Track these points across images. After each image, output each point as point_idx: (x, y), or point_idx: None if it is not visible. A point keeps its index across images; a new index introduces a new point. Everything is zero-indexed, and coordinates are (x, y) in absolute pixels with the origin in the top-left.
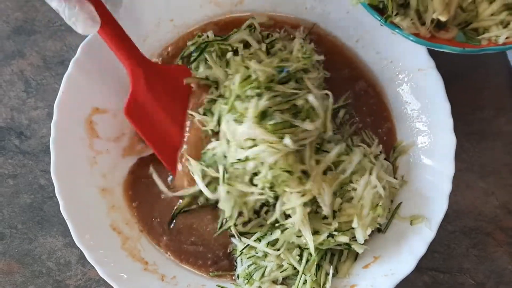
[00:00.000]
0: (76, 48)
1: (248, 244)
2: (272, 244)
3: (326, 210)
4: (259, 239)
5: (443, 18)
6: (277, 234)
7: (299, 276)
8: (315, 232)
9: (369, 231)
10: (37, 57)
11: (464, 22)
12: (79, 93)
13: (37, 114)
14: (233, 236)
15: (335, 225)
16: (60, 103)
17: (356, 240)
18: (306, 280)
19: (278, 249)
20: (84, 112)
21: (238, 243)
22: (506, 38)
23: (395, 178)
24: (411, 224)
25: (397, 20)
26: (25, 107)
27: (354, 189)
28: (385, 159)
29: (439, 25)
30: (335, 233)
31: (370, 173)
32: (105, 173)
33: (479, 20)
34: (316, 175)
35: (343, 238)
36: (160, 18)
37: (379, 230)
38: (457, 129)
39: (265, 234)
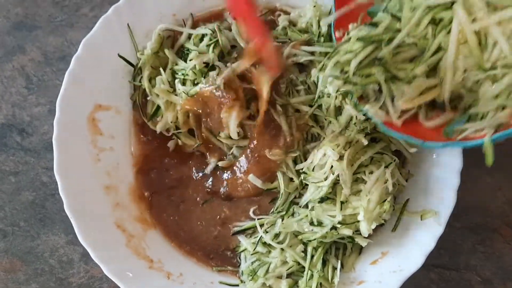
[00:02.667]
0: (77, 43)
1: (257, 242)
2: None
3: (346, 190)
4: (266, 231)
5: (404, 106)
6: (278, 225)
7: (305, 272)
8: (319, 224)
9: (373, 226)
10: (38, 53)
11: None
12: (81, 90)
13: (38, 110)
14: (237, 233)
15: (339, 217)
16: (62, 100)
17: (359, 234)
18: (313, 275)
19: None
20: (86, 109)
21: (245, 241)
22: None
23: (400, 173)
24: (421, 219)
25: (366, 107)
26: (26, 104)
27: (364, 182)
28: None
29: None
30: (339, 225)
31: (387, 167)
32: (109, 170)
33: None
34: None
35: (347, 231)
36: (162, 13)
37: (381, 225)
38: None
39: (272, 225)
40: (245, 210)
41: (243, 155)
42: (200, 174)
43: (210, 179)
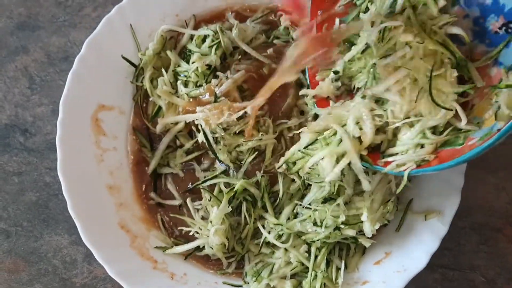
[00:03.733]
0: (80, 43)
1: (261, 244)
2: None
3: (349, 190)
4: (268, 232)
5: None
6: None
7: (309, 273)
8: (322, 224)
9: (377, 226)
10: (41, 53)
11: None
12: (84, 90)
13: (41, 110)
14: None
15: (342, 218)
16: (65, 100)
17: (363, 234)
18: (316, 275)
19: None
20: (89, 110)
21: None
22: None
23: None
24: (425, 219)
25: None
26: (29, 104)
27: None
28: None
29: None
30: (342, 226)
31: None
32: (112, 170)
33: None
34: None
35: (350, 232)
36: (165, 13)
37: (385, 225)
38: None
39: (275, 225)
40: None
41: None
42: (184, 171)
43: (190, 183)
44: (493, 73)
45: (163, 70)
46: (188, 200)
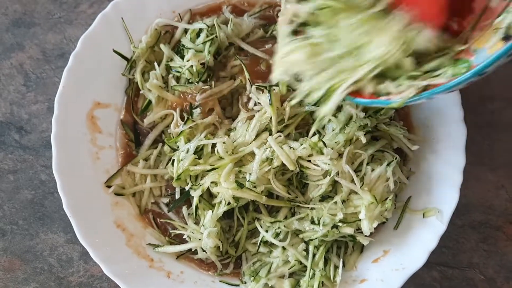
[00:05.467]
0: (76, 40)
1: (259, 243)
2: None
3: (345, 188)
4: (266, 231)
5: None
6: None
7: (307, 271)
8: (320, 223)
9: (375, 224)
10: (37, 50)
11: None
12: (80, 87)
13: (37, 108)
14: None
15: (340, 216)
16: (61, 97)
17: (361, 232)
18: (314, 274)
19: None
20: (85, 107)
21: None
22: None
23: (401, 171)
24: (424, 217)
25: None
26: (24, 101)
27: None
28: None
29: None
30: (340, 224)
31: (388, 165)
32: (108, 168)
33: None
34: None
35: (348, 230)
36: (161, 9)
37: (383, 223)
38: (466, 121)
39: (272, 223)
40: None
41: None
42: None
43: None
44: (494, 4)
45: (155, 64)
46: (183, 208)
